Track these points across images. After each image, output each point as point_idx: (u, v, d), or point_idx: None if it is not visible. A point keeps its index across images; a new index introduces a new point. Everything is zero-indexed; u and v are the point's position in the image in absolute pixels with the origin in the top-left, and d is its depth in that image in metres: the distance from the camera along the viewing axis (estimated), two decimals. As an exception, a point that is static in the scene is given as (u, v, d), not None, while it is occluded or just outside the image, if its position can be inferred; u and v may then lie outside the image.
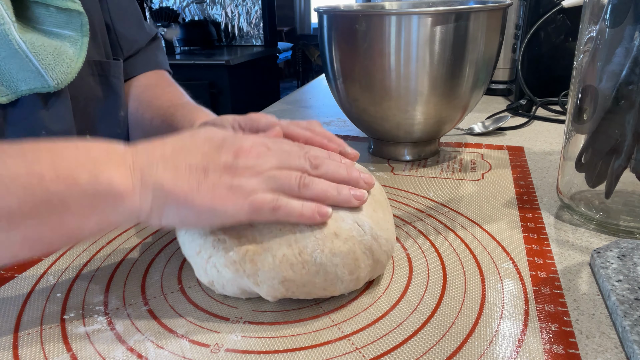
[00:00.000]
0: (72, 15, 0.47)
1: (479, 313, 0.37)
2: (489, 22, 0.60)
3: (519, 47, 1.01)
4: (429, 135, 0.69)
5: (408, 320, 0.37)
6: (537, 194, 0.58)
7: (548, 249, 0.46)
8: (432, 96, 0.62)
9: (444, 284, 0.41)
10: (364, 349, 0.34)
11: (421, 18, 0.57)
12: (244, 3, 2.90)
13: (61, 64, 0.47)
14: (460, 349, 0.34)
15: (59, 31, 0.47)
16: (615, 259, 0.41)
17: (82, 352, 0.34)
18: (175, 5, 2.95)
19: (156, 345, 0.35)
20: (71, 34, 0.48)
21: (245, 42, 2.98)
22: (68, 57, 0.48)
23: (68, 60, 0.48)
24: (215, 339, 0.35)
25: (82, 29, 0.48)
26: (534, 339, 0.34)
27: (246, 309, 0.38)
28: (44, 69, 0.46)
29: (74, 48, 0.48)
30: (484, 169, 0.66)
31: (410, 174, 0.65)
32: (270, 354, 0.34)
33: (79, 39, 0.49)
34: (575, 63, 0.50)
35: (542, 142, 0.78)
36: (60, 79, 0.47)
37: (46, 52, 0.46)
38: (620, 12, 0.44)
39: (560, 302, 0.38)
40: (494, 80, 1.12)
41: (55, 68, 0.46)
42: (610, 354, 0.33)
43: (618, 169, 0.47)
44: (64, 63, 0.47)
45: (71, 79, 0.48)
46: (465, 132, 0.84)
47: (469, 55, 0.60)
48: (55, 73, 0.47)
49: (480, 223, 0.51)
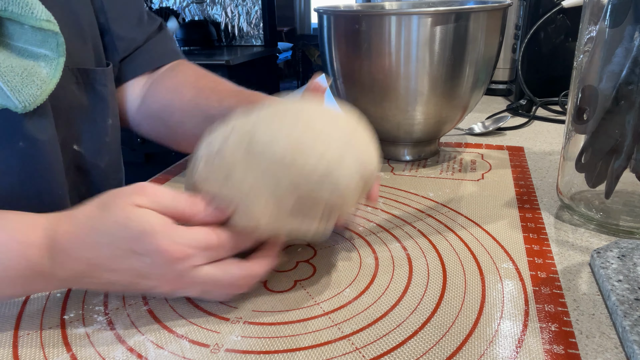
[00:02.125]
0: (47, 35, 0.45)
1: (479, 313, 0.37)
2: (489, 22, 0.60)
3: (519, 47, 1.01)
4: (429, 135, 0.69)
5: (408, 320, 0.37)
6: (537, 194, 0.58)
7: (548, 249, 0.46)
8: (432, 96, 0.62)
9: (444, 284, 0.41)
10: (364, 349, 0.34)
11: (421, 18, 0.57)
12: (244, 3, 2.90)
13: (30, 85, 0.44)
14: (460, 349, 0.34)
15: (33, 49, 0.45)
16: (615, 259, 0.41)
17: (82, 352, 0.34)
18: (175, 5, 2.94)
19: (156, 345, 0.35)
20: (47, 53, 0.46)
21: (245, 42, 2.98)
22: (40, 78, 0.45)
23: (39, 82, 0.45)
24: (215, 339, 0.35)
25: (58, 49, 0.46)
26: (534, 339, 0.34)
27: (246, 309, 0.38)
28: (10, 90, 0.43)
29: (48, 68, 0.46)
30: (484, 169, 0.66)
31: (410, 174, 0.65)
32: (270, 354, 0.34)
33: (54, 59, 0.46)
34: (575, 63, 0.50)
35: (542, 142, 0.78)
36: (28, 101, 0.44)
37: (13, 72, 0.43)
38: (620, 12, 0.44)
39: (560, 302, 0.38)
40: (494, 80, 1.12)
41: (23, 90, 0.44)
42: (610, 354, 0.33)
43: (618, 169, 0.47)
44: (34, 85, 0.45)
45: (42, 100, 0.46)
46: (465, 132, 0.84)
47: (469, 55, 0.60)
48: (22, 95, 0.44)
49: (480, 223, 0.51)
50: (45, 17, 0.44)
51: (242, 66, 2.52)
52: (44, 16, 0.44)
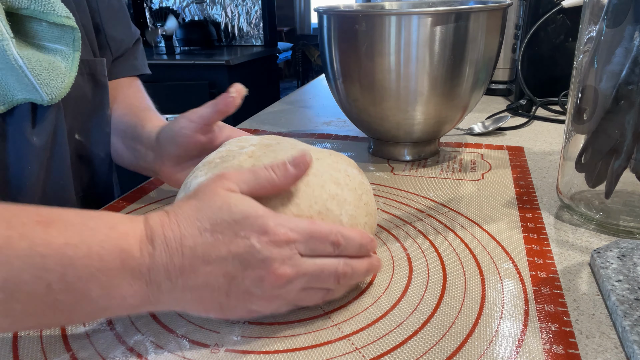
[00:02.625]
0: (65, 31, 0.47)
1: (479, 313, 0.37)
2: (489, 22, 0.60)
3: (519, 47, 1.01)
4: (429, 135, 0.69)
5: (408, 320, 0.37)
6: (537, 194, 0.58)
7: (548, 249, 0.46)
8: (432, 96, 0.62)
9: (444, 284, 0.41)
10: (364, 349, 0.34)
11: (421, 18, 0.57)
12: (244, 3, 2.90)
13: (55, 79, 0.47)
14: (460, 349, 0.34)
15: (50, 45, 0.47)
16: (615, 259, 0.41)
17: (82, 352, 0.34)
18: (175, 5, 2.95)
19: (156, 345, 0.35)
20: (63, 48, 0.47)
21: (245, 42, 2.98)
22: (61, 72, 0.47)
23: (62, 75, 0.47)
24: (215, 339, 0.35)
25: (75, 43, 0.48)
26: (534, 339, 0.34)
27: (246, 309, 0.38)
28: (39, 84, 0.45)
29: (65, 63, 0.48)
30: (484, 169, 0.66)
31: (410, 174, 0.65)
32: (270, 354, 0.34)
33: (70, 54, 0.48)
34: (575, 63, 0.50)
35: (542, 142, 0.78)
36: (54, 94, 0.47)
37: (42, 67, 0.45)
38: (620, 12, 0.44)
39: (560, 302, 0.38)
40: (494, 80, 1.12)
41: (50, 83, 0.46)
42: (610, 354, 0.33)
43: (618, 169, 0.47)
44: (58, 78, 0.47)
45: (65, 93, 0.48)
46: (465, 132, 0.84)
47: (469, 55, 0.60)
48: (49, 88, 0.46)
49: (480, 223, 0.51)
50: (66, 13, 0.46)
51: (242, 66, 2.52)
52: (64, 13, 0.46)
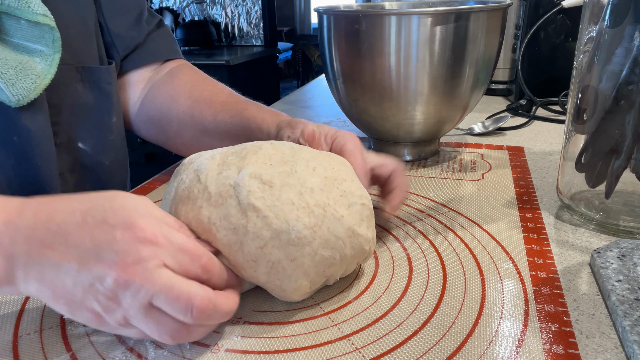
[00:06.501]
0: (43, 30, 0.45)
1: (479, 313, 0.37)
2: (489, 22, 0.60)
3: (519, 47, 1.01)
4: (429, 135, 0.69)
5: (408, 320, 0.37)
6: (537, 194, 0.58)
7: (548, 249, 0.46)
8: (432, 96, 0.62)
9: (444, 284, 0.41)
10: (364, 349, 0.34)
11: (421, 18, 0.57)
12: (244, 3, 2.90)
13: (24, 79, 0.44)
14: (460, 349, 0.34)
15: (28, 45, 0.45)
16: (615, 259, 0.41)
17: (82, 352, 0.34)
18: (175, 5, 2.95)
19: (156, 345, 0.35)
20: (42, 49, 0.46)
21: (245, 42, 2.98)
22: (34, 72, 0.45)
23: (34, 77, 0.45)
24: (215, 339, 0.35)
25: (54, 44, 0.46)
26: (534, 339, 0.34)
27: (246, 309, 0.38)
28: (4, 83, 0.43)
29: (43, 64, 0.46)
30: (484, 169, 0.66)
31: (410, 174, 0.65)
32: (270, 354, 0.34)
33: (50, 55, 0.46)
34: (575, 63, 0.50)
35: (542, 142, 0.78)
36: (21, 95, 0.44)
37: (7, 66, 0.43)
38: (620, 12, 0.44)
39: (560, 302, 0.38)
40: (494, 80, 1.12)
41: (17, 84, 0.44)
42: (610, 354, 0.33)
43: (618, 169, 0.47)
44: (28, 79, 0.45)
45: (35, 95, 0.46)
46: (465, 132, 0.84)
47: (469, 55, 0.60)
48: (16, 89, 0.44)
49: (480, 223, 0.51)
50: (42, 11, 0.44)
51: (242, 66, 2.52)
52: (40, 10, 0.44)
